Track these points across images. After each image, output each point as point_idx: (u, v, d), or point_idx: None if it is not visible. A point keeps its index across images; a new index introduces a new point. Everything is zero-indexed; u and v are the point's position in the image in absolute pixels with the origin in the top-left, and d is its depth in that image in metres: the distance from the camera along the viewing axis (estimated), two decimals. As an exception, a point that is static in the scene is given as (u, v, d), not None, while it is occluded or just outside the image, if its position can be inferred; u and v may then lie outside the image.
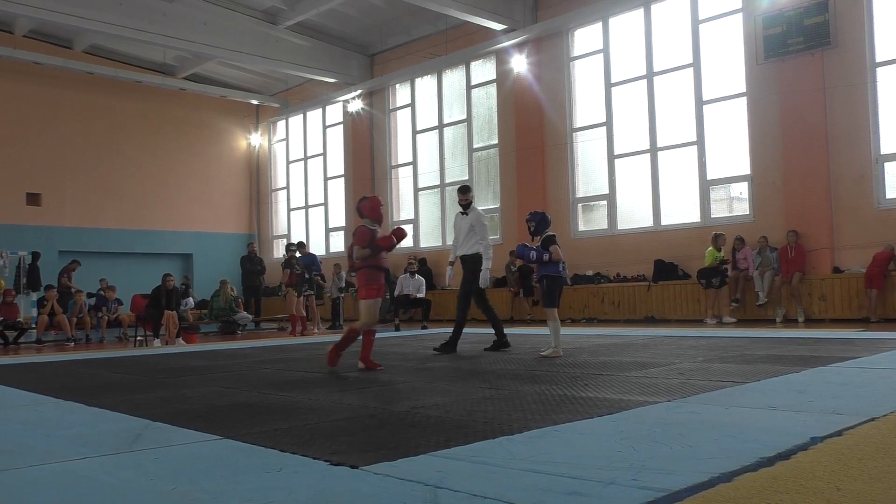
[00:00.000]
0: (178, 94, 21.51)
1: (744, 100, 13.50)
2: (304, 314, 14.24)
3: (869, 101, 12.09)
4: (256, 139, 24.09)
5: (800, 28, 12.56)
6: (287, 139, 23.58)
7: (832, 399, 4.06)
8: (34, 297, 15.50)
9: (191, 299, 16.98)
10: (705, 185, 14.01)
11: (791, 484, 2.37)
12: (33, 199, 19.38)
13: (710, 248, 12.63)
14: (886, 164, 12.05)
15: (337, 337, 7.21)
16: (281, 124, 23.78)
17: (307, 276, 14.36)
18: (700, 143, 14.04)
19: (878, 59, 12.14)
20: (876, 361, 5.85)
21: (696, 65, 14.17)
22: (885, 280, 11.31)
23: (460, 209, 8.66)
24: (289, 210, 23.36)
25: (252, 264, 18.45)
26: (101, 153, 20.47)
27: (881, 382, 4.68)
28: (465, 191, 8.66)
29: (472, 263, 8.43)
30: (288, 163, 23.51)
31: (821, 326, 10.87)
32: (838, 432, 3.15)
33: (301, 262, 14.50)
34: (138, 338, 13.56)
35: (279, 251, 23.35)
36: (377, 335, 7.16)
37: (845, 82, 12.22)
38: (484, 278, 8.33)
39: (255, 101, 23.24)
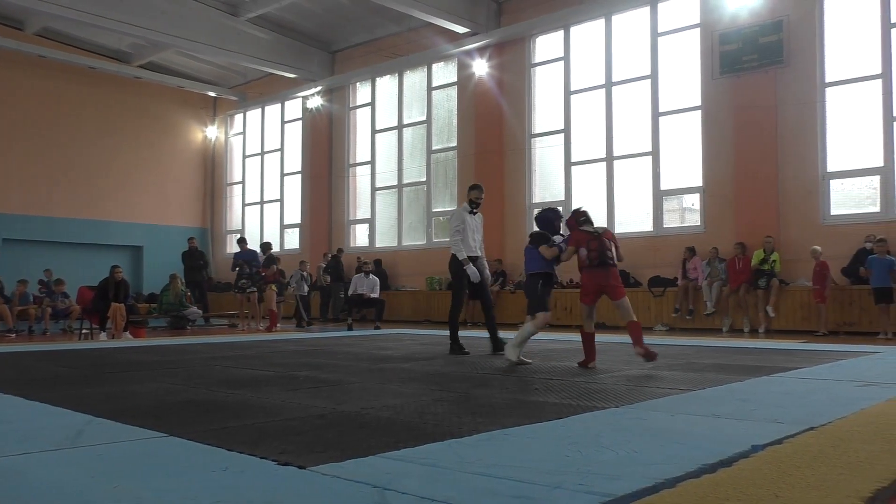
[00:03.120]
0: (133, 82, 21.10)
1: (699, 113, 13.78)
2: (275, 310, 14.61)
3: (818, 119, 12.44)
4: (213, 132, 23.75)
5: (755, 46, 12.88)
6: (244, 133, 23.29)
7: (774, 408, 4.16)
8: (-26, 286, 15.01)
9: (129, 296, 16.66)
10: (659, 196, 14.25)
11: (732, 491, 2.43)
12: (-23, 184, 18.81)
13: (759, 250, 12.31)
14: (832, 182, 12.42)
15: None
16: (238, 118, 23.48)
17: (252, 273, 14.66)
18: (655, 153, 14.29)
19: (828, 79, 12.51)
20: (816, 372, 6.02)
21: (653, 77, 14.42)
22: (827, 293, 11.56)
23: (469, 207, 8.23)
24: (243, 205, 23.07)
25: (193, 259, 18.12)
26: (50, 139, 19.95)
27: (821, 393, 4.82)
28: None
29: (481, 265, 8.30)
30: (244, 157, 23.23)
31: (765, 337, 11.13)
32: (779, 440, 3.23)
33: (244, 259, 14.74)
34: (84, 331, 13.25)
35: (232, 246, 23.04)
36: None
37: (796, 100, 12.57)
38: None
39: (212, 94, 22.91)
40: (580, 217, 6.82)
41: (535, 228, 7.24)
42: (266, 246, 15.74)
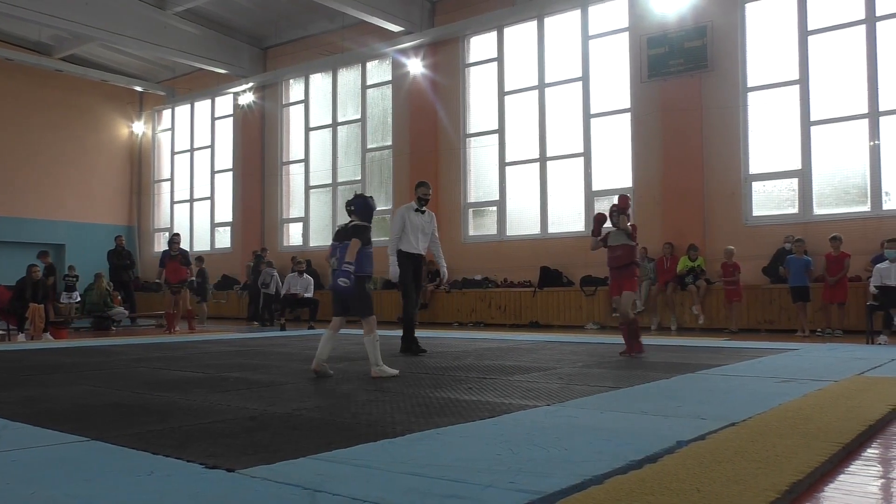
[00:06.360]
0: (54, 75, 20.32)
1: (628, 115, 14.09)
2: (192, 310, 14.37)
3: (740, 123, 12.88)
4: (139, 127, 23.08)
5: (681, 50, 13.25)
6: (173, 129, 22.70)
7: (698, 404, 4.29)
8: None
9: (76, 293, 16.04)
10: (590, 196, 14.51)
11: (657, 486, 2.49)
12: None
13: (684, 256, 12.71)
14: (754, 184, 12.87)
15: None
16: (167, 113, 22.87)
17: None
18: (587, 154, 14.54)
19: (750, 83, 12.96)
20: (738, 369, 6.23)
21: (584, 79, 14.67)
22: (740, 291, 11.96)
23: (414, 205, 7.91)
24: (172, 203, 22.48)
25: (120, 258, 17.56)
26: (-36, 133, 19.06)
27: (742, 389, 4.99)
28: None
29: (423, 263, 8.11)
30: (173, 154, 22.65)
31: (691, 335, 11.46)
32: (702, 436, 3.33)
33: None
34: (0, 331, 12.71)
35: (161, 245, 22.44)
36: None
37: (719, 104, 12.97)
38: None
39: (139, 88, 22.27)
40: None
41: (355, 221, 6.06)
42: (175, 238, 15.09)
